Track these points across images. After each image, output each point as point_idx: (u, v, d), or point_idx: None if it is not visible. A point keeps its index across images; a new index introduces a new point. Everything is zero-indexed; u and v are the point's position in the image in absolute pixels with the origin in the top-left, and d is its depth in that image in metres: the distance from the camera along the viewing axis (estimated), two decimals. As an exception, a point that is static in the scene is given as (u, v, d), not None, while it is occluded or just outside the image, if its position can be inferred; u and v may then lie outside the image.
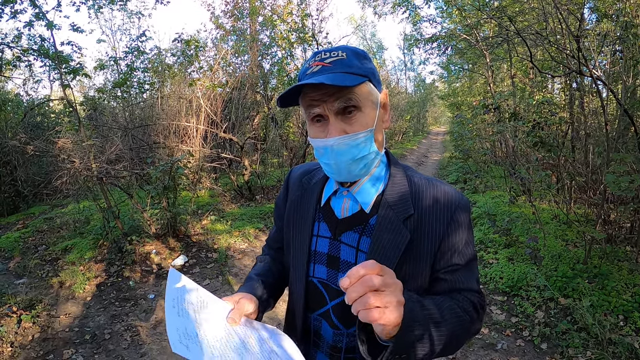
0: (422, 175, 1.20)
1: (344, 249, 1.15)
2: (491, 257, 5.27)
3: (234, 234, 6.50)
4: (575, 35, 4.20)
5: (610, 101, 6.03)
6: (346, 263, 1.14)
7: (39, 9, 5.48)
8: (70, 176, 5.83)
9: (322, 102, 1.01)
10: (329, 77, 0.97)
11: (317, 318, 1.22)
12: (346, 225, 1.16)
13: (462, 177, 10.09)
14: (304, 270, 1.21)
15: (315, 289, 1.21)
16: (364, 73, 1.02)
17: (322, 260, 1.19)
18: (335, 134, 1.02)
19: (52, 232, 6.66)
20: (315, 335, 1.24)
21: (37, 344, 3.81)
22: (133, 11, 13.64)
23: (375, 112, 1.07)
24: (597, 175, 5.29)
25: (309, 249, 1.21)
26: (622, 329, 3.50)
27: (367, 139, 1.04)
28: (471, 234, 1.14)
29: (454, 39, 10.49)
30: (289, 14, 9.39)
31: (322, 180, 1.26)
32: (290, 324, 1.32)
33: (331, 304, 1.18)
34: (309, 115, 1.06)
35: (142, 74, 8.87)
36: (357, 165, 1.06)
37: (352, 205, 1.16)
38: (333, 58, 1.02)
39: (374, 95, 1.06)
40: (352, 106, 1.01)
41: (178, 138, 7.25)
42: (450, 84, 18.64)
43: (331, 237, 1.18)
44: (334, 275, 1.17)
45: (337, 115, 1.02)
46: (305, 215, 1.24)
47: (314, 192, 1.25)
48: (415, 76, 36.16)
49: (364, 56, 1.07)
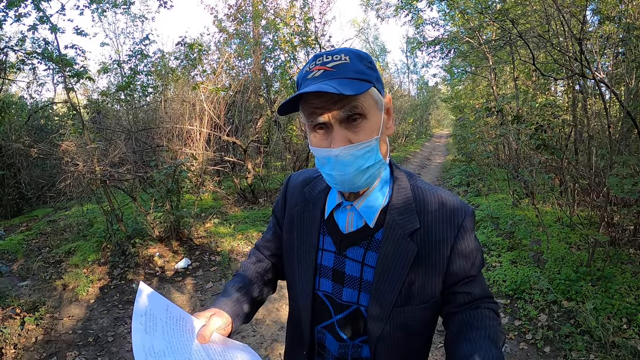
0: (426, 183, 1.17)
1: (349, 263, 1.13)
2: (494, 260, 5.26)
3: (237, 237, 6.51)
4: (577, 38, 4.20)
5: (613, 103, 6.02)
6: (351, 278, 1.12)
7: (43, 13, 5.51)
8: (73, 179, 5.85)
9: (326, 111, 0.95)
10: (333, 83, 0.92)
11: (321, 330, 1.21)
12: (351, 241, 1.13)
13: (465, 180, 10.11)
14: (311, 284, 1.18)
15: (320, 303, 1.19)
16: (368, 78, 0.97)
17: (328, 274, 1.17)
18: (340, 144, 0.97)
19: (56, 234, 6.68)
20: (320, 347, 1.23)
21: (40, 346, 3.82)
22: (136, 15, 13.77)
23: (381, 119, 1.02)
24: (600, 177, 5.27)
25: (315, 262, 1.18)
26: (626, 332, 3.49)
27: (372, 148, 1.00)
28: (479, 244, 1.13)
29: (456, 41, 10.50)
30: (292, 17, 9.43)
31: (324, 191, 1.22)
32: (295, 336, 1.30)
33: (336, 317, 1.16)
34: (310, 123, 1.00)
35: (146, 77, 8.92)
36: (363, 176, 1.01)
37: (357, 219, 1.13)
38: (336, 62, 0.97)
39: (379, 101, 1.02)
40: (357, 114, 0.96)
41: (181, 141, 7.26)
42: (453, 86, 18.61)
43: (336, 251, 1.15)
44: (338, 289, 1.15)
45: (342, 123, 0.97)
46: (310, 229, 1.20)
47: (317, 203, 1.21)
48: (418, 79, 36.13)
49: (368, 60, 1.01)
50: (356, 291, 1.12)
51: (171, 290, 4.96)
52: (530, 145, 5.18)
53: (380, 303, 1.07)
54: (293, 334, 1.32)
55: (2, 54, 6.66)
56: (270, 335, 4.07)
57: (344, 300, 1.13)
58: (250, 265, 1.38)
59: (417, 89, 34.20)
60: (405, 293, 1.06)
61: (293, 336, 1.32)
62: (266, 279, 1.37)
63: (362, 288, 1.11)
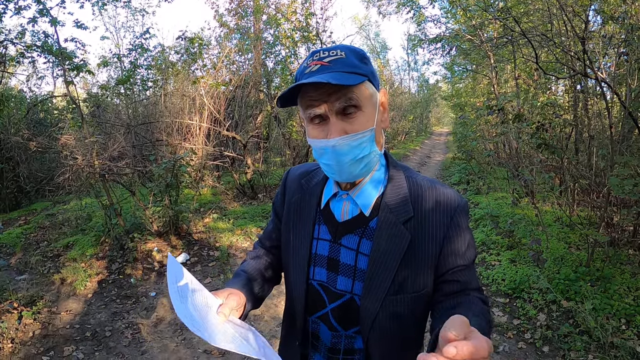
0: (421, 176, 1.20)
1: (344, 251, 1.15)
2: (494, 259, 5.26)
3: (236, 232, 6.50)
4: (581, 37, 4.18)
5: (615, 104, 6.01)
6: (346, 266, 1.14)
7: (43, 5, 5.48)
8: (72, 173, 5.84)
9: (323, 102, 1.00)
10: (329, 76, 0.95)
11: (315, 321, 1.22)
12: (346, 228, 1.15)
13: (464, 178, 10.10)
14: (305, 273, 1.20)
15: (315, 292, 1.20)
16: (363, 72, 1.01)
17: (322, 263, 1.18)
18: (336, 134, 1.00)
19: (54, 228, 6.66)
20: (314, 337, 1.24)
21: (37, 341, 3.81)
22: (137, 8, 13.68)
23: (375, 112, 1.06)
24: (600, 177, 5.27)
25: (310, 251, 1.21)
26: (624, 333, 3.49)
27: (368, 139, 1.03)
28: (472, 235, 1.15)
29: (458, 39, 10.47)
30: (293, 12, 9.39)
31: (321, 182, 1.25)
32: (290, 327, 1.32)
33: (330, 306, 1.18)
34: (308, 116, 1.04)
35: (146, 71, 8.89)
36: (359, 165, 1.05)
37: (352, 208, 1.15)
38: (332, 57, 1.01)
39: (374, 95, 1.06)
40: (353, 106, 1.00)
41: (181, 136, 7.25)
42: (453, 84, 18.60)
43: (331, 239, 1.17)
44: (333, 278, 1.16)
45: (338, 115, 1.01)
46: (306, 218, 1.23)
47: (314, 194, 1.24)
48: (418, 76, 36.10)
49: (363, 55, 1.06)
50: (350, 279, 1.13)
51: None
52: (531, 145, 5.17)
53: (374, 291, 1.09)
54: (287, 324, 1.35)
55: (2, 47, 6.64)
56: (268, 331, 4.06)
57: (339, 288, 1.15)
58: (250, 261, 1.39)
59: (418, 87, 34.22)
60: (399, 281, 1.08)
61: (287, 327, 1.35)
62: (267, 276, 1.37)
63: (357, 277, 1.12)
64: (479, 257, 5.38)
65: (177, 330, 4.08)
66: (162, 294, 4.77)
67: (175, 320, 4.27)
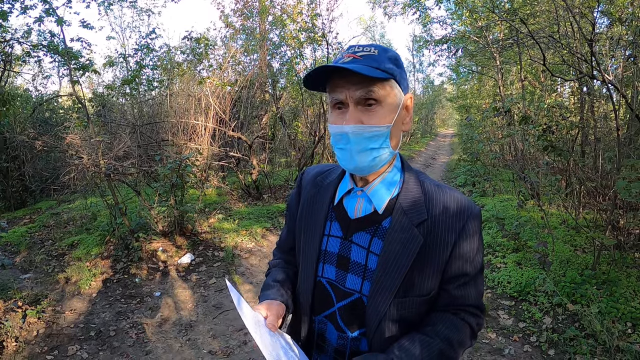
0: (434, 181, 1.21)
1: (355, 249, 1.15)
2: (499, 262, 5.23)
3: (241, 233, 6.50)
4: (588, 39, 4.16)
5: (621, 106, 5.98)
6: (356, 264, 1.14)
7: (49, 5, 5.50)
8: (78, 172, 5.85)
9: (345, 89, 1.03)
10: (355, 66, 1.00)
11: (322, 320, 1.22)
12: (358, 226, 1.16)
13: (470, 180, 10.06)
14: (313, 270, 1.21)
15: (323, 290, 1.20)
16: (391, 71, 1.04)
17: (332, 260, 1.19)
18: (352, 122, 1.04)
19: (59, 227, 6.68)
20: (320, 338, 1.24)
21: (41, 340, 3.82)
22: (143, 9, 13.76)
23: (396, 112, 1.08)
24: (606, 180, 5.24)
25: (320, 248, 1.21)
26: (630, 337, 3.46)
27: (381, 134, 1.06)
28: (482, 243, 1.15)
29: (464, 41, 10.45)
30: (299, 13, 9.38)
31: (336, 179, 1.26)
32: (294, 327, 1.32)
33: (338, 305, 1.18)
34: (331, 101, 1.09)
35: (152, 71, 8.90)
36: (368, 157, 1.06)
37: (366, 206, 1.16)
38: (365, 52, 1.05)
39: (398, 95, 1.08)
40: (373, 99, 1.03)
41: (186, 136, 7.25)
42: (459, 86, 18.56)
43: (342, 236, 1.18)
44: (342, 275, 1.16)
45: (357, 105, 1.04)
46: (318, 214, 1.24)
47: (328, 190, 1.25)
48: (423, 78, 35.98)
49: (395, 57, 1.08)
50: (360, 278, 1.14)
51: (174, 286, 4.96)
52: (537, 147, 5.14)
53: (382, 292, 1.09)
54: (293, 323, 1.35)
55: (8, 46, 6.67)
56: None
57: (347, 287, 1.16)
58: (273, 270, 1.43)
59: (423, 88, 34.10)
60: (407, 284, 1.09)
61: (293, 325, 1.35)
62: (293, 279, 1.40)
63: (366, 276, 1.13)
64: (485, 259, 5.36)
65: (182, 331, 4.08)
66: (167, 294, 4.78)
67: (179, 320, 4.27)
